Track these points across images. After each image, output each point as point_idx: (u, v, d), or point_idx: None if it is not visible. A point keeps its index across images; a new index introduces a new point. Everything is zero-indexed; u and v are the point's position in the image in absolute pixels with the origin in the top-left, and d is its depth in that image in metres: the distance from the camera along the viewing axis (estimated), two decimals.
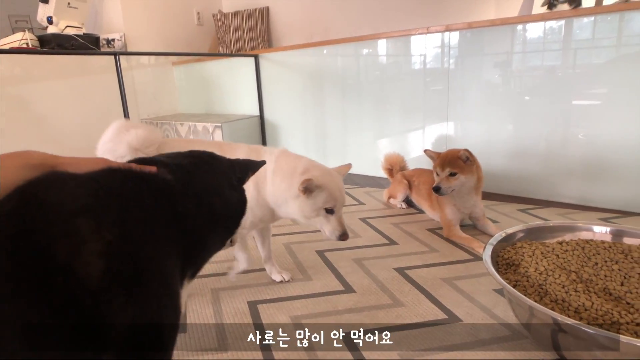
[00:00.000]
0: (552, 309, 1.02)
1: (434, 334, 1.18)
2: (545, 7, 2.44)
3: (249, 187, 1.24)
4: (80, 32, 3.36)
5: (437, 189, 1.77)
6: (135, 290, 0.50)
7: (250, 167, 0.83)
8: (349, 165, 1.36)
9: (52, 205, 0.49)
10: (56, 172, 0.56)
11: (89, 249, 0.47)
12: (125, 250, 0.51)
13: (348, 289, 1.44)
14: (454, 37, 2.40)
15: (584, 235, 1.31)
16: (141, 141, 1.32)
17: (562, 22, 2.07)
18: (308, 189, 1.19)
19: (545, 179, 2.26)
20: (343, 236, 1.22)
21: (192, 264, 0.65)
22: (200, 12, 4.17)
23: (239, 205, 0.76)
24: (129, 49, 3.63)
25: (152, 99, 3.85)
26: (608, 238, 1.28)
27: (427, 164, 2.03)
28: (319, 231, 1.28)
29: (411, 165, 2.45)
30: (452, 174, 1.76)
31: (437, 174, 1.81)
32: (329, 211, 1.22)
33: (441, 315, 1.26)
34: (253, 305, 1.36)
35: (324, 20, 3.59)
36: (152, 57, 3.84)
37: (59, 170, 0.57)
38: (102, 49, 3.57)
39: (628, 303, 1.00)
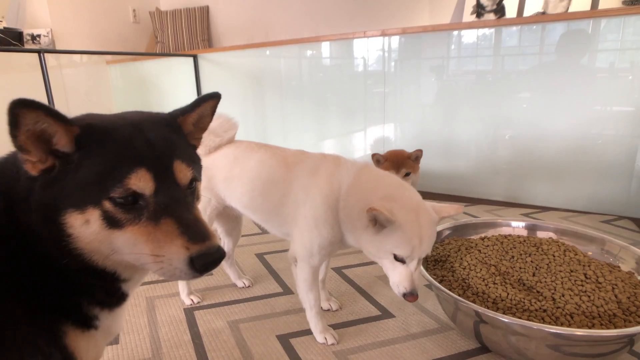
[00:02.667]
0: (474, 301, 1.09)
1: (368, 330, 1.22)
2: (474, 15, 2.60)
3: (316, 200, 1.07)
4: (0, 26, 3.10)
5: None
6: None
7: None
8: (459, 209, 1.05)
9: None
10: None
11: None
12: None
13: (287, 290, 1.45)
14: (393, 41, 2.49)
15: (504, 230, 1.42)
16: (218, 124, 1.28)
17: (493, 30, 2.22)
18: (377, 221, 0.94)
19: (475, 177, 2.41)
20: (408, 296, 0.97)
21: (71, 294, 0.53)
22: (137, 10, 3.99)
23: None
24: (58, 46, 3.40)
25: (84, 99, 3.63)
26: (523, 232, 1.39)
27: None
28: (258, 233, 1.27)
29: None
30: (407, 174, 1.83)
31: None
32: (399, 259, 0.97)
33: (375, 312, 1.31)
34: (189, 312, 1.33)
35: (265, 22, 3.57)
36: (85, 55, 3.62)
37: None
38: (27, 45, 3.31)
39: (538, 292, 1.10)
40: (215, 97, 0.64)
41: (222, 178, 1.24)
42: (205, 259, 0.47)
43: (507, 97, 2.27)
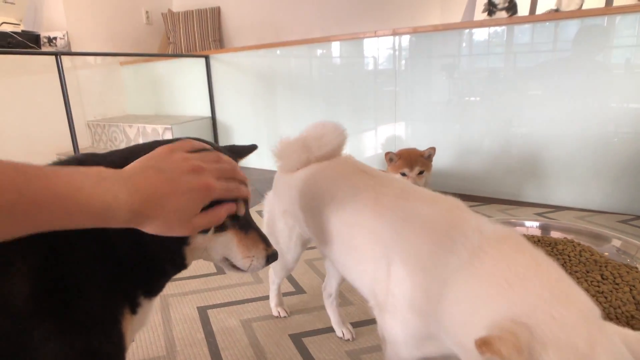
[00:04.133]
0: None
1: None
2: (486, 13, 2.58)
3: (405, 276, 0.68)
4: (18, 29, 3.16)
5: None
6: (62, 318, 0.47)
7: None
8: None
9: None
10: None
11: (15, 269, 0.45)
12: (52, 273, 0.48)
13: (299, 290, 1.46)
14: (404, 40, 2.48)
15: (517, 230, 1.40)
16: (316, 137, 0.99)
17: (505, 27, 2.19)
18: None
19: (487, 176, 2.39)
20: None
21: (137, 281, 0.59)
22: (149, 11, 4.04)
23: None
24: (73, 48, 3.46)
25: (98, 99, 3.69)
26: (537, 232, 1.37)
27: (379, 164, 2.09)
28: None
29: None
30: (421, 172, 1.83)
31: (405, 174, 1.84)
32: None
33: None
34: (203, 311, 1.34)
35: (275, 22, 3.59)
36: (99, 57, 3.68)
37: None
38: (44, 48, 3.37)
39: None
40: (255, 149, 0.76)
41: (304, 205, 0.94)
42: (272, 258, 0.66)
43: (520, 94, 2.24)
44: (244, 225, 0.66)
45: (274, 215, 1.10)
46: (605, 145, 2.06)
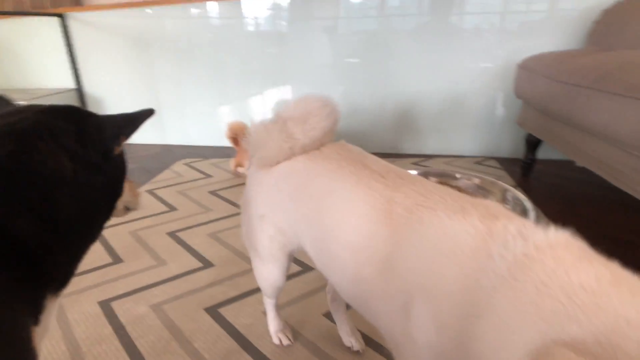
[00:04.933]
0: None
1: (293, 286, 1.31)
2: None
3: (427, 316, 0.51)
4: None
5: None
6: None
7: (123, 126, 0.65)
8: None
9: None
10: None
11: None
12: None
13: (207, 264, 1.46)
14: (283, 0, 2.46)
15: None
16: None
17: None
18: None
19: (370, 133, 2.60)
20: None
21: (49, 273, 0.53)
22: None
23: (105, 191, 0.65)
24: None
25: None
26: None
27: None
28: (167, 211, 1.22)
29: None
30: None
31: None
32: None
33: (297, 268, 1.40)
34: (105, 305, 1.27)
35: None
36: None
37: None
38: None
39: None
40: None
41: (285, 211, 0.77)
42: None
43: (392, 56, 2.44)
44: None
45: (251, 219, 0.88)
46: (461, 99, 2.40)
